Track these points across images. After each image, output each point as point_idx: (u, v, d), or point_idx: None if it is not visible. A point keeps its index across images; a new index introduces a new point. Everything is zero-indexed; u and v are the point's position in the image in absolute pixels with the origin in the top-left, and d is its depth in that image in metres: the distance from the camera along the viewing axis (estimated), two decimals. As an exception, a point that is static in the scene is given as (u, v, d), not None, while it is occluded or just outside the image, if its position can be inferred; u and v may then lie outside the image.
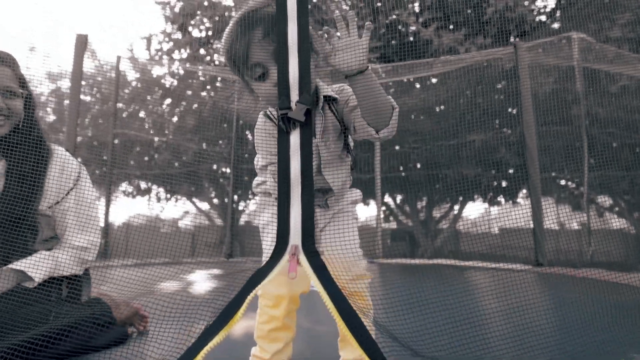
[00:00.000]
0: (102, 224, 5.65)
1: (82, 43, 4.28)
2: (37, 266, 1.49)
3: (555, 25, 6.67)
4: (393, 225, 10.16)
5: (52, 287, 1.54)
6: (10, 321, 1.34)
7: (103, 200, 6.17)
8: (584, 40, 4.74)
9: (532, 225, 4.12)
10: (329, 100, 1.36)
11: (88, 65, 5.04)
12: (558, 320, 1.93)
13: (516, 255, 4.92)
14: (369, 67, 1.19)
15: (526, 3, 6.41)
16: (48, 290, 1.52)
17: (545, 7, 6.49)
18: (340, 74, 1.21)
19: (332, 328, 1.24)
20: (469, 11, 6.29)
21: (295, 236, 1.11)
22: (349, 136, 1.38)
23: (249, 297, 1.07)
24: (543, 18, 6.70)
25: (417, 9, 6.42)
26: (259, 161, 1.41)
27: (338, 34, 1.19)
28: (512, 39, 6.24)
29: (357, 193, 1.44)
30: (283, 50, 1.15)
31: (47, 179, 1.56)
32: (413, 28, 6.59)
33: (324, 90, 1.35)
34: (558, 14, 6.71)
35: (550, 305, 2.36)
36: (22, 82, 1.58)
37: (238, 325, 1.08)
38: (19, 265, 1.49)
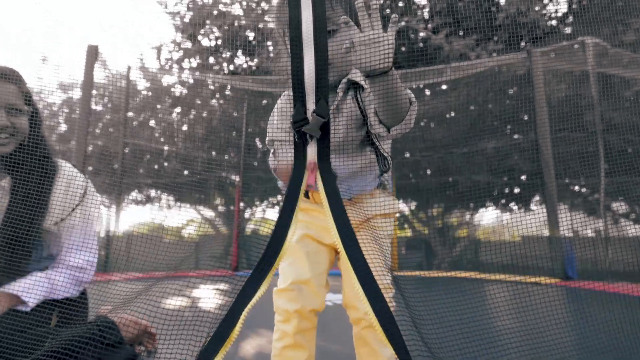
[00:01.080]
0: (103, 234, 5.58)
1: (93, 54, 4.27)
2: (31, 289, 1.44)
3: (568, 30, 6.58)
4: (408, 233, 10.04)
5: (46, 311, 1.48)
6: (5, 347, 1.29)
7: (112, 209, 6.15)
8: (598, 45, 4.66)
9: (562, 234, 4.00)
10: (356, 87, 1.28)
11: (98, 75, 5.05)
12: (587, 342, 1.83)
13: (542, 266, 4.80)
14: (393, 68, 1.04)
15: (537, 8, 6.32)
16: (42, 314, 1.46)
17: (557, 11, 6.41)
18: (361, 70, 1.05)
19: (348, 349, 1.17)
20: (479, 16, 6.22)
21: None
22: (383, 139, 1.29)
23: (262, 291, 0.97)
24: (555, 23, 6.61)
25: (426, 16, 6.36)
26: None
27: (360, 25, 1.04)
28: (523, 44, 6.17)
29: (393, 204, 1.35)
30: (296, 44, 1.00)
31: (52, 196, 1.53)
32: (423, 34, 6.53)
33: (353, 74, 1.27)
34: (570, 18, 6.63)
35: (578, 325, 2.25)
36: (28, 99, 1.56)
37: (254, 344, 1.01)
38: (11, 288, 1.43)
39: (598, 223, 5.20)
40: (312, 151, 1.02)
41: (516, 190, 7.40)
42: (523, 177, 6.52)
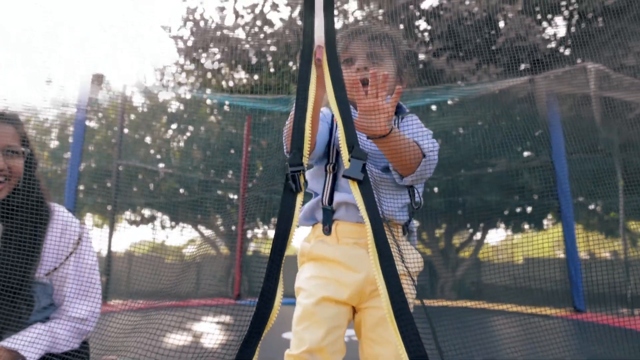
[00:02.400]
0: (104, 256, 5.44)
1: (98, 82, 4.12)
2: (32, 344, 1.37)
3: (567, 52, 6.53)
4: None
5: None
6: None
7: (106, 231, 5.94)
8: (600, 70, 4.56)
9: (565, 258, 3.79)
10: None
11: (94, 91, 4.88)
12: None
13: (549, 292, 4.59)
14: (393, 129, 1.15)
15: (537, 33, 6.26)
16: None
17: (555, 34, 6.37)
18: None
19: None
20: (478, 40, 6.16)
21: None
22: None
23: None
24: (557, 46, 6.56)
25: (427, 38, 6.29)
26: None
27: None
28: (522, 67, 6.09)
29: (417, 258, 1.28)
30: (304, 78, 1.07)
31: (45, 244, 1.48)
32: (423, 57, 6.43)
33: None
34: (569, 42, 6.58)
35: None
36: (24, 141, 1.54)
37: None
38: (12, 343, 1.35)
39: (615, 245, 5.01)
40: (355, 192, 1.03)
41: (528, 210, 7.23)
42: (535, 197, 6.35)
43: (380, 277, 0.94)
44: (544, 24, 6.58)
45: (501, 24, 6.14)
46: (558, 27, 6.71)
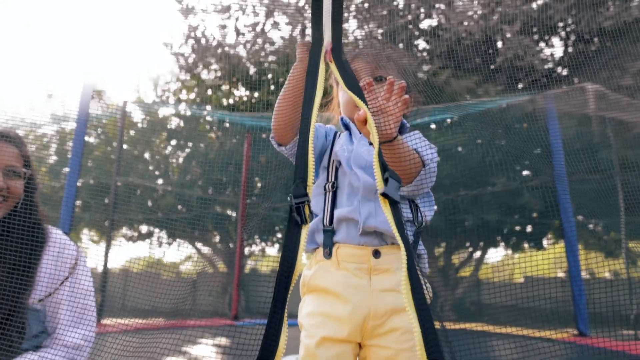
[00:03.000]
0: (100, 272, 5.37)
1: (98, 97, 4.12)
2: None
3: (564, 72, 6.58)
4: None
5: None
6: None
7: (103, 247, 5.88)
8: (599, 91, 4.59)
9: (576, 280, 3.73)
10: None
11: (94, 107, 4.87)
12: None
13: (550, 312, 4.53)
14: (398, 136, 1.13)
15: (535, 54, 6.32)
16: None
17: (552, 54, 6.43)
18: None
19: None
20: (477, 60, 6.21)
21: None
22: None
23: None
24: (555, 66, 6.61)
25: (426, 57, 6.34)
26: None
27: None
28: (520, 86, 6.12)
29: (427, 288, 1.21)
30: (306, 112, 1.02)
31: (40, 268, 1.45)
32: (421, 75, 6.47)
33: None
34: (567, 62, 6.64)
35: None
36: (26, 162, 1.54)
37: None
38: None
39: (617, 265, 4.97)
40: (388, 213, 0.99)
41: (528, 229, 7.19)
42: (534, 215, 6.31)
43: (412, 311, 0.88)
44: (542, 44, 6.65)
45: (500, 44, 6.20)
46: (555, 48, 6.78)
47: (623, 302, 4.34)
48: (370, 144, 1.26)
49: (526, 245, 8.13)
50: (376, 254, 1.21)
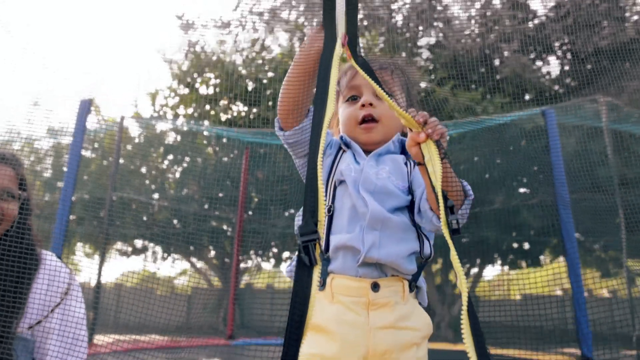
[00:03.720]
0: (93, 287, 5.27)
1: (95, 111, 4.09)
2: None
3: (561, 90, 6.64)
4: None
5: None
6: None
7: (97, 261, 5.78)
8: (611, 103, 4.61)
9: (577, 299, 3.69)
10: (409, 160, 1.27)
11: (91, 121, 4.83)
12: None
13: (550, 331, 4.47)
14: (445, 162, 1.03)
15: (540, 62, 6.36)
16: None
17: (563, 67, 6.47)
18: None
19: None
20: (481, 70, 6.24)
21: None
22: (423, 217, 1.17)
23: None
24: (552, 84, 6.66)
25: (430, 67, 6.36)
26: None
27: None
28: (526, 97, 6.16)
29: (427, 322, 1.16)
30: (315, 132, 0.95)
31: (30, 294, 1.40)
32: (424, 85, 6.50)
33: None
34: (567, 80, 6.70)
35: None
36: (22, 184, 1.50)
37: None
38: None
39: (617, 284, 4.93)
40: (451, 244, 0.91)
41: (527, 247, 7.16)
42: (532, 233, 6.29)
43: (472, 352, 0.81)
44: (539, 62, 6.71)
45: (497, 62, 6.25)
46: (553, 67, 6.84)
47: (625, 322, 4.29)
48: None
49: (524, 263, 8.09)
50: (375, 287, 1.11)
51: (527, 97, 6.23)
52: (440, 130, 1.02)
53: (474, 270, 8.93)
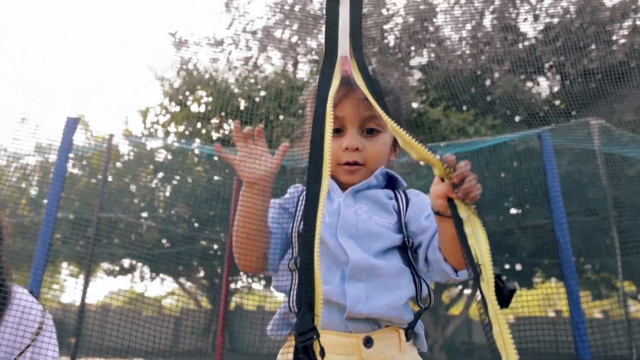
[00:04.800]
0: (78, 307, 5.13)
1: (72, 126, 3.98)
2: None
3: (560, 106, 6.69)
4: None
5: None
6: None
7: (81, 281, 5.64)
8: (603, 126, 4.63)
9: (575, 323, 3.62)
10: (399, 194, 1.17)
11: (79, 139, 4.75)
12: None
13: (548, 353, 4.39)
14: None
15: (530, 84, 6.42)
16: None
17: (550, 87, 6.53)
18: None
19: None
20: (472, 90, 6.29)
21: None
22: (420, 264, 1.09)
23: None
24: (554, 102, 6.71)
25: (423, 87, 6.38)
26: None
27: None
28: (516, 120, 6.19)
29: None
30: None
31: None
32: (417, 105, 6.52)
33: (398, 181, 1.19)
34: (555, 102, 6.77)
35: None
36: None
37: None
38: None
39: (612, 305, 4.88)
40: (502, 321, 0.78)
41: (521, 268, 7.12)
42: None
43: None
44: (529, 83, 6.78)
45: (489, 83, 6.30)
46: (543, 87, 6.92)
47: (624, 345, 4.23)
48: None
49: (516, 284, 8.04)
50: (368, 342, 0.99)
51: (517, 118, 6.27)
52: (476, 193, 0.89)
53: (467, 291, 8.84)
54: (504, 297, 0.80)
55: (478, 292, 0.83)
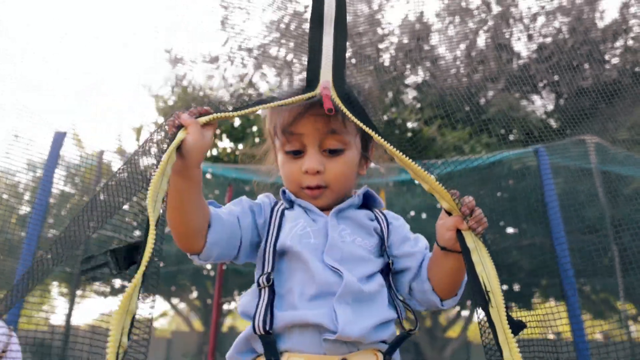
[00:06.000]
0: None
1: (60, 141, 3.89)
2: None
3: (554, 124, 6.70)
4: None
5: None
6: None
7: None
8: (599, 144, 4.61)
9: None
10: (379, 215, 1.15)
11: (71, 155, 4.67)
12: None
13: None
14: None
15: (525, 102, 6.44)
16: None
17: (545, 107, 6.55)
18: None
19: None
20: (467, 108, 6.30)
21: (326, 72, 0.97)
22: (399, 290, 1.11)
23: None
24: (549, 120, 6.73)
25: (418, 106, 6.39)
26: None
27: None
28: (511, 138, 6.18)
29: None
30: None
31: None
32: (412, 125, 6.51)
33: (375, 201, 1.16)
34: (550, 120, 6.79)
35: None
36: None
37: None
38: None
39: (613, 327, 4.78)
40: None
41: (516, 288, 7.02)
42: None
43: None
44: (524, 102, 6.80)
45: (483, 101, 6.31)
46: (536, 106, 6.94)
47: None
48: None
49: (513, 304, 7.93)
50: None
51: (511, 137, 6.28)
52: (485, 224, 0.96)
53: (465, 312, 8.71)
54: (514, 327, 0.84)
55: (481, 317, 0.88)
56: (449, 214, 0.98)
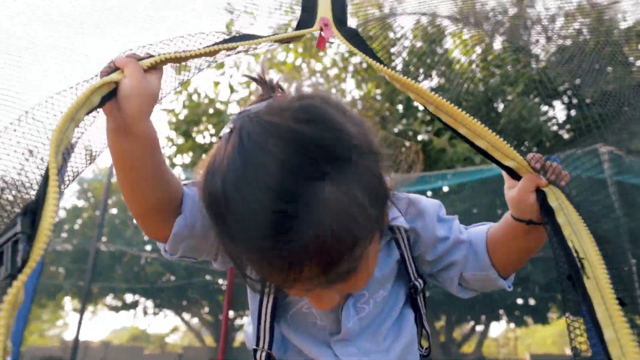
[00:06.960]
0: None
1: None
2: None
3: (566, 135, 6.56)
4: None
5: None
6: None
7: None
8: (612, 153, 4.50)
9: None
10: (398, 232, 0.86)
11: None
12: None
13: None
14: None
15: (544, 107, 6.33)
16: None
17: (554, 117, 6.43)
18: None
19: None
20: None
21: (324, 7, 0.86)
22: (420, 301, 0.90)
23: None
24: (559, 129, 6.60)
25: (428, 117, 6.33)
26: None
27: None
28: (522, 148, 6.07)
29: None
30: None
31: None
32: (423, 137, 6.44)
33: (391, 213, 0.82)
34: (571, 125, 6.65)
35: None
36: None
37: None
38: None
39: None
40: None
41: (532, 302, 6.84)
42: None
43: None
44: (544, 107, 6.69)
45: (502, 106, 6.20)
46: (557, 111, 6.79)
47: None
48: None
49: (530, 319, 7.73)
50: None
51: (523, 148, 6.16)
52: (567, 177, 0.78)
53: (479, 327, 8.51)
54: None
55: (568, 293, 0.68)
56: (516, 178, 0.78)
